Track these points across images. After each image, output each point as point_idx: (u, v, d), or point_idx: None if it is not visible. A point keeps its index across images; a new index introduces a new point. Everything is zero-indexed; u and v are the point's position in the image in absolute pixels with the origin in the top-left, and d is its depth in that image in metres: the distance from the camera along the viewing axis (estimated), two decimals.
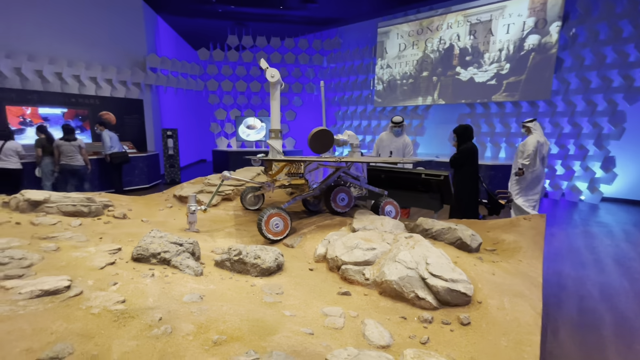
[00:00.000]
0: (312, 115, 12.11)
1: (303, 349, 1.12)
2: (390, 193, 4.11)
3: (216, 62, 11.11)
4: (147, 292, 1.45)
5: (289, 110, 11.57)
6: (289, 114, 11.51)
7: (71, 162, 6.14)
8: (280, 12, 10.26)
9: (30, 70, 6.99)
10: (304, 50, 11.41)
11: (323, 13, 10.27)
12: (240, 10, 10.02)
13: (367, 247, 1.97)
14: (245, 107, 11.52)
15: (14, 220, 2.16)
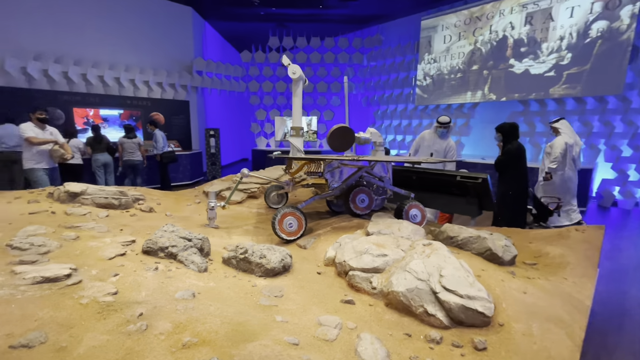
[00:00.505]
0: (351, 114, 11.93)
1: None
2: (423, 197, 3.86)
3: (258, 63, 11.44)
4: (143, 286, 1.46)
5: (326, 110, 11.54)
6: (327, 113, 11.47)
7: (132, 157, 6.87)
8: (321, 12, 10.26)
9: (94, 76, 7.77)
10: (344, 49, 11.29)
11: (364, 10, 10.06)
12: (281, 12, 10.19)
13: (378, 253, 1.82)
14: (284, 107, 11.72)
15: (51, 210, 2.35)
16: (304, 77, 2.99)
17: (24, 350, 0.92)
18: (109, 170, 6.79)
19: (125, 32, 8.26)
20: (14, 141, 5.93)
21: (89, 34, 7.71)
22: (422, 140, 4.97)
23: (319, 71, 11.38)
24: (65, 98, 7.36)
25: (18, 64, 6.78)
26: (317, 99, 11.61)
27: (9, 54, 6.66)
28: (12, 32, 6.71)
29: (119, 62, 8.16)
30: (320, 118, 11.50)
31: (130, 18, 8.34)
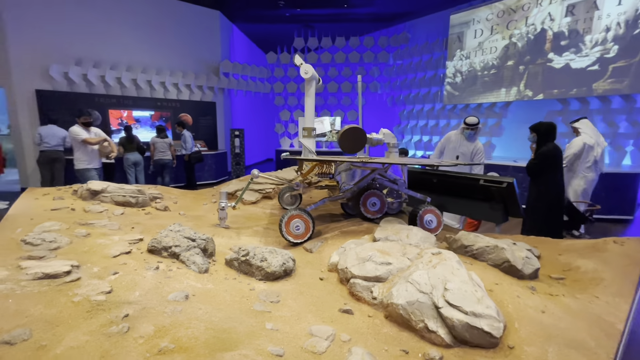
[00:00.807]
0: (376, 114, 11.75)
1: None
2: (445, 201, 3.68)
3: (283, 64, 11.55)
4: (139, 285, 1.47)
5: (351, 110, 11.41)
6: (351, 114, 11.34)
7: (162, 156, 7.23)
8: (346, 11, 10.16)
9: (128, 79, 8.20)
10: (369, 48, 11.11)
11: (390, 8, 9.84)
12: (306, 12, 10.22)
13: (382, 261, 1.72)
14: None
15: (72, 207, 2.47)
16: (316, 76, 2.94)
17: (6, 347, 0.94)
18: (139, 169, 7.12)
19: (157, 37, 8.65)
20: (55, 141, 6.37)
21: (124, 40, 8.15)
22: (447, 142, 4.76)
23: (343, 71, 11.28)
24: (102, 100, 7.83)
25: (61, 69, 7.31)
26: (342, 99, 11.52)
27: (53, 61, 7.19)
28: (56, 40, 7.24)
29: (150, 66, 8.56)
30: (344, 118, 11.40)
31: (161, 24, 8.73)
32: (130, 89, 8.32)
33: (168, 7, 8.80)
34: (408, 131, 10.88)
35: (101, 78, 7.83)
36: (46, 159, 6.28)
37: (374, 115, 11.77)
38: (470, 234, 2.11)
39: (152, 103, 8.62)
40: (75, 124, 5.10)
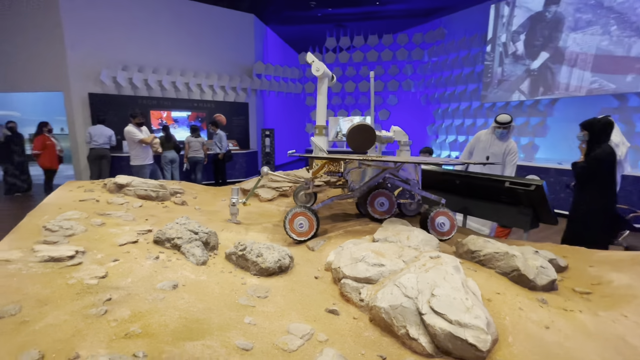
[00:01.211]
0: (409, 114, 11.41)
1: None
2: (469, 204, 3.47)
3: None
4: (133, 273, 1.55)
5: (382, 110, 11.18)
6: (383, 113, 11.11)
7: (196, 154, 7.67)
8: (379, 9, 9.98)
9: (168, 82, 8.76)
10: (403, 45, 10.81)
11: (426, 4, 9.50)
12: (338, 12, 10.19)
13: (374, 262, 1.66)
14: (338, 107, 11.71)
15: (97, 198, 2.68)
16: (329, 73, 2.91)
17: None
18: (174, 166, 7.56)
19: (195, 42, 9.14)
20: (103, 139, 6.98)
21: (165, 45, 8.71)
22: (477, 142, 4.49)
23: (375, 69, 11.09)
24: (144, 102, 8.44)
25: (110, 74, 7.99)
26: None
27: (104, 66, 7.88)
28: (107, 47, 7.93)
29: (188, 69, 9.06)
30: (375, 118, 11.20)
31: (199, 29, 9.20)
32: (169, 91, 8.88)
33: (205, 13, 9.26)
34: (442, 131, 10.42)
35: (144, 81, 8.44)
36: (94, 155, 6.91)
37: (407, 114, 11.44)
38: (480, 239, 1.96)
39: (189, 104, 9.13)
40: (129, 124, 5.58)
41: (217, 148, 7.69)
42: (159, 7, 8.48)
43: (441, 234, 2.44)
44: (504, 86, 8.50)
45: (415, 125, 11.27)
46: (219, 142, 7.76)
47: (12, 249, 1.58)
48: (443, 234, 2.44)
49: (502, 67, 8.52)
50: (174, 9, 8.74)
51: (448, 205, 3.87)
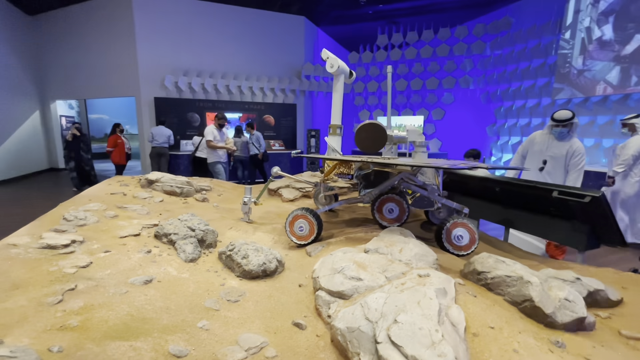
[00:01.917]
0: (466, 113, 10.49)
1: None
2: (512, 216, 3.05)
3: (365, 64, 11.38)
4: (116, 265, 1.63)
5: (436, 109, 10.47)
6: (437, 112, 10.40)
7: (241, 154, 8.08)
8: (435, 1, 9.37)
9: (222, 85, 9.36)
10: (461, 39, 9.98)
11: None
12: (390, 7, 9.82)
13: (352, 276, 1.49)
14: None
15: (125, 192, 2.93)
16: (346, 70, 2.75)
17: None
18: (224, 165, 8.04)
19: (247, 47, 9.62)
20: (162, 139, 7.71)
21: (220, 51, 9.32)
22: (530, 144, 3.92)
23: (429, 66, 10.44)
24: (201, 104, 9.14)
25: (173, 79, 8.82)
26: (426, 97, 10.67)
27: (167, 72, 8.74)
28: (169, 56, 8.77)
29: (241, 73, 9.57)
30: (428, 117, 10.55)
31: (251, 34, 9.66)
32: (223, 94, 9.48)
33: (257, 18, 9.68)
34: (504, 131, 9.35)
35: (201, 85, 9.14)
36: (155, 153, 7.67)
37: (464, 114, 10.54)
38: (492, 258, 1.65)
39: (240, 106, 9.64)
40: (211, 124, 6.19)
41: (255, 149, 7.97)
42: (214, 16, 9.11)
43: (458, 248, 2.13)
44: (584, 78, 7.28)
45: (474, 126, 10.32)
46: (257, 143, 8.04)
47: (25, 234, 1.77)
48: (460, 249, 2.13)
49: (584, 55, 7.31)
50: (228, 17, 9.30)
51: (488, 216, 3.43)
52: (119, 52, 8.55)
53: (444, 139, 10.43)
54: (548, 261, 2.47)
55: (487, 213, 3.33)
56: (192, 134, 8.47)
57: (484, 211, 3.35)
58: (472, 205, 3.56)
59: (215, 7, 9.06)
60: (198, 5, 8.89)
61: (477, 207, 3.35)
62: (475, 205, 3.40)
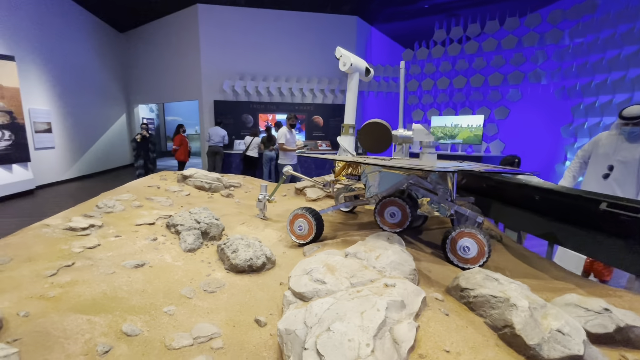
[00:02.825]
0: (536, 111, 9.31)
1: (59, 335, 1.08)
2: (555, 229, 2.68)
3: (420, 61, 10.84)
4: (120, 249, 1.84)
5: (500, 107, 9.49)
6: (500, 111, 9.43)
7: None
8: None
9: (274, 88, 9.80)
10: (532, 28, 8.88)
11: None
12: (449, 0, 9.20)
13: (317, 278, 1.46)
14: (445, 105, 10.55)
15: (160, 186, 3.26)
16: (361, 67, 2.67)
17: None
18: (273, 164, 8.41)
19: (298, 49, 9.91)
20: (218, 138, 8.36)
21: (273, 55, 9.77)
22: (594, 147, 3.37)
23: (492, 61, 9.50)
24: (254, 107, 9.70)
25: (230, 83, 9.52)
26: (488, 95, 9.73)
27: (226, 77, 9.46)
28: (227, 62, 9.48)
29: (292, 75, 9.90)
30: (489, 116, 9.62)
31: (303, 36, 9.92)
32: (275, 96, 9.91)
33: (309, 20, 9.90)
34: (584, 132, 8.04)
35: (255, 88, 9.69)
36: (211, 152, 8.36)
37: (533, 112, 9.36)
38: (481, 274, 1.45)
39: (291, 107, 9.97)
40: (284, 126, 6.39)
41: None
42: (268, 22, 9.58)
43: (464, 261, 1.92)
44: None
45: (545, 126, 9.10)
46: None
47: (60, 217, 2.09)
48: (467, 261, 1.92)
49: None
50: (281, 22, 9.70)
51: (528, 228, 3.06)
52: (186, 61, 9.55)
53: (508, 141, 9.38)
54: (587, 285, 2.08)
55: (527, 225, 2.94)
56: (246, 134, 9.03)
57: (525, 223, 2.97)
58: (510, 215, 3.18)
59: (269, 14, 9.54)
60: (253, 13, 9.46)
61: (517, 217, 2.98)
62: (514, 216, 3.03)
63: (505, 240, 2.92)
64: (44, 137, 7.88)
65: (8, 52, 6.76)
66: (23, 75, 7.25)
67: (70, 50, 9.14)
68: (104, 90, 10.80)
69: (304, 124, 10.09)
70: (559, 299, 1.55)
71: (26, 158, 7.08)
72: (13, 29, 7.10)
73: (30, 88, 7.56)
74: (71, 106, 9.10)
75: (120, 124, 11.80)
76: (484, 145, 9.63)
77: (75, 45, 9.39)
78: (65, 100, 8.87)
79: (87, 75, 9.92)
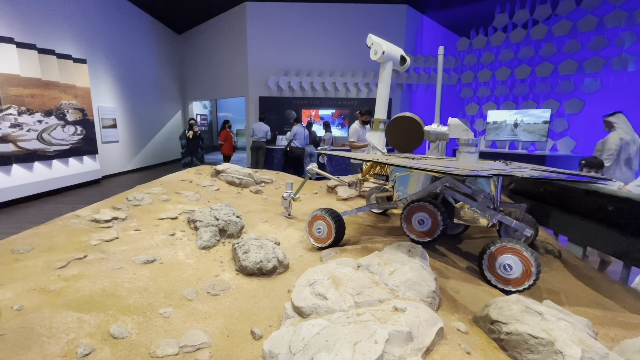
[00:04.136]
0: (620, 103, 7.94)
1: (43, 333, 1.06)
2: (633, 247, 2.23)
3: (476, 50, 9.92)
4: (136, 243, 1.86)
5: (572, 100, 8.29)
6: (571, 104, 8.25)
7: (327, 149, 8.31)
8: None
9: (318, 83, 9.70)
10: (619, 5, 7.56)
11: None
12: None
13: (319, 292, 1.30)
14: (504, 99, 9.54)
15: (192, 180, 3.33)
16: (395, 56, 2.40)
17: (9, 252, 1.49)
18: (312, 159, 8.37)
19: (343, 42, 9.67)
20: (261, 134, 8.52)
21: (317, 50, 9.66)
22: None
23: (565, 46, 8.31)
24: (297, 102, 9.71)
25: (275, 80, 9.63)
26: (557, 85, 8.55)
27: (270, 74, 9.59)
28: (272, 58, 9.59)
29: (337, 69, 9.70)
30: (558, 110, 8.47)
31: (348, 29, 9.64)
32: (319, 91, 9.82)
33: (356, 11, 9.58)
34: None
35: (299, 84, 9.69)
36: (254, 147, 8.55)
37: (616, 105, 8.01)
38: (518, 305, 1.16)
39: (334, 102, 9.80)
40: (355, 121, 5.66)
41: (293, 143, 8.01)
42: (314, 16, 9.47)
43: (504, 282, 1.61)
44: None
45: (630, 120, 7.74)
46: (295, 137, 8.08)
47: (90, 208, 2.20)
48: (508, 282, 1.61)
49: None
50: (327, 15, 9.53)
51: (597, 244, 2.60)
52: (234, 58, 9.89)
53: (580, 138, 8.17)
54: None
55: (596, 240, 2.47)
56: (288, 129, 9.09)
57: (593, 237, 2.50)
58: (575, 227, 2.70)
59: (315, 7, 9.42)
60: (299, 8, 9.42)
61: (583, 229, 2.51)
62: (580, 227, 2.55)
63: (565, 257, 2.47)
64: (109, 132, 8.77)
65: (81, 56, 7.59)
66: (93, 76, 8.10)
67: (134, 52, 9.99)
68: (162, 88, 11.68)
69: (347, 119, 9.86)
70: (630, 343, 1.20)
71: (94, 150, 7.93)
72: (85, 34, 7.95)
73: (99, 87, 8.43)
74: (134, 103, 9.98)
75: (176, 119, 12.70)
76: (549, 143, 8.52)
77: (139, 47, 10.25)
78: (129, 98, 9.75)
79: (148, 74, 10.79)
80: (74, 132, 7.32)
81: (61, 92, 6.88)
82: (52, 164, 6.78)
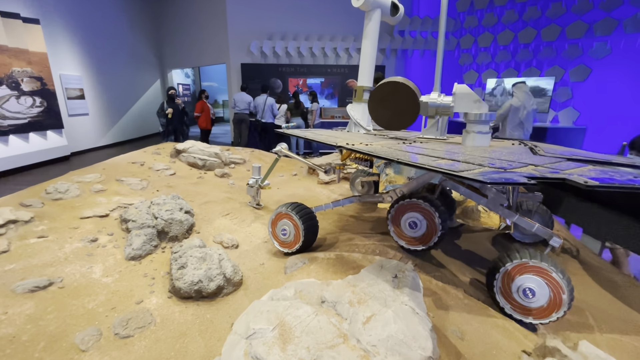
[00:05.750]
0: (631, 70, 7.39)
1: None
2: None
3: (478, 10, 9.08)
4: (33, 257, 1.39)
5: (578, 66, 7.69)
6: (577, 71, 7.66)
7: (316, 122, 7.73)
8: None
9: (306, 48, 8.87)
10: None
11: None
12: None
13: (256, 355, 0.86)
14: (505, 65, 8.87)
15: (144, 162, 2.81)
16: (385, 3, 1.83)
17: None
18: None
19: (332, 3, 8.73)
20: (244, 105, 7.84)
21: (303, 11, 8.73)
22: None
23: (575, 6, 7.57)
24: (283, 70, 8.92)
25: (258, 45, 8.77)
26: (563, 50, 7.90)
27: (253, 38, 8.71)
28: (255, 21, 8.66)
29: (325, 33, 8.85)
30: (562, 78, 7.89)
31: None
32: (306, 58, 9.01)
33: None
34: None
35: (285, 49, 8.85)
36: (237, 119, 7.89)
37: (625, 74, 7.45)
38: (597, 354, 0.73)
39: (322, 70, 9.04)
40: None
41: None
42: None
43: (524, 311, 1.20)
44: None
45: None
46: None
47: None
48: (529, 312, 1.19)
49: None
50: None
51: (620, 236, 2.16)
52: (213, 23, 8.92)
53: (584, 109, 7.66)
54: None
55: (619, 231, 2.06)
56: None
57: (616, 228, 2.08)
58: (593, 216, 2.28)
59: None
60: None
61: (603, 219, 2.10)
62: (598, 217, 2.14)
63: (583, 255, 2.07)
64: (76, 104, 7.97)
65: (32, 15, 6.64)
66: (50, 39, 7.17)
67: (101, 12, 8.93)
68: (137, 55, 10.66)
69: (337, 89, 9.15)
70: None
71: (59, 125, 7.21)
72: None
73: (59, 53, 7.52)
74: (104, 72, 9.07)
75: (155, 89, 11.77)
76: (551, 114, 8.02)
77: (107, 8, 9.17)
78: (98, 66, 8.84)
79: (120, 39, 9.76)
80: (32, 104, 6.56)
81: (11, 58, 6.05)
82: (9, 140, 6.10)
